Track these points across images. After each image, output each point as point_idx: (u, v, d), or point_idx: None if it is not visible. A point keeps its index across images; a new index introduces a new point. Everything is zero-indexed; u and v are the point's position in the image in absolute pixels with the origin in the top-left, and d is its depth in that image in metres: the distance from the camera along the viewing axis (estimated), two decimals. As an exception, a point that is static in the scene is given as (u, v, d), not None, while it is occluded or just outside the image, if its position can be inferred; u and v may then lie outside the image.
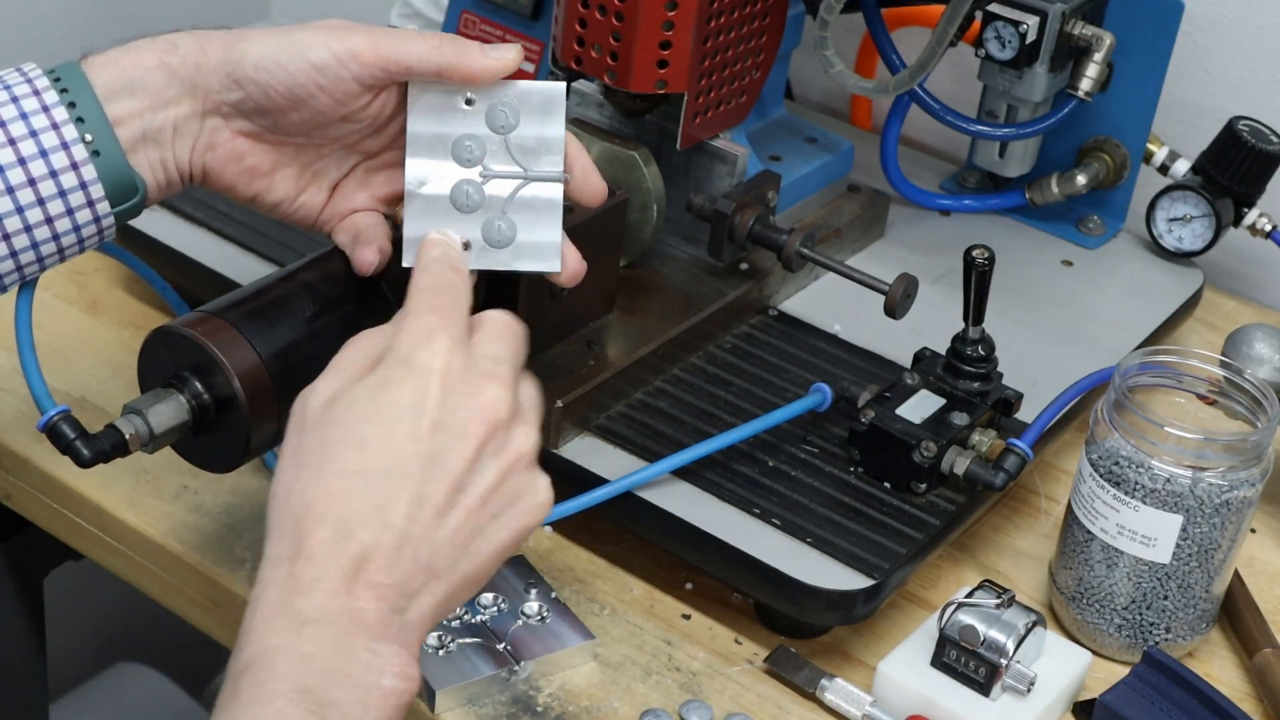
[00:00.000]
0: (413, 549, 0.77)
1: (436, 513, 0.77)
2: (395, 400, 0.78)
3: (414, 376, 0.78)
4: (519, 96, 0.90)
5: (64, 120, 0.84)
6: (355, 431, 0.78)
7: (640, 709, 0.95)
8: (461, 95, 0.90)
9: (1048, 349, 1.17)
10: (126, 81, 0.86)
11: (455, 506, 0.78)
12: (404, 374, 0.79)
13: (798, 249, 1.09)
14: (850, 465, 1.04)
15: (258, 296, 0.92)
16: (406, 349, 0.80)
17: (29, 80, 0.85)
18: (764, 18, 1.12)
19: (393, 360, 0.80)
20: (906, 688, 0.96)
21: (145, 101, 0.87)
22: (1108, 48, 1.21)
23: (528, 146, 0.90)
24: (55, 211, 0.85)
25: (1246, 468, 0.96)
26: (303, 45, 0.87)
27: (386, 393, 0.78)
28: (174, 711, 1.75)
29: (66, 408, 0.89)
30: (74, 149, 0.84)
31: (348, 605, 0.75)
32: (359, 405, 0.78)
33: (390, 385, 0.79)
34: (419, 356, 0.79)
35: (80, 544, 1.10)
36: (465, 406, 0.79)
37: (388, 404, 0.78)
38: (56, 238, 0.86)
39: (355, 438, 0.77)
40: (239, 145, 0.90)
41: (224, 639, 1.04)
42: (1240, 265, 1.41)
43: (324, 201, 0.94)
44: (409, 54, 0.88)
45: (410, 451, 0.77)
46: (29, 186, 0.84)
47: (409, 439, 0.77)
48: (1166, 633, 1.01)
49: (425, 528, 0.77)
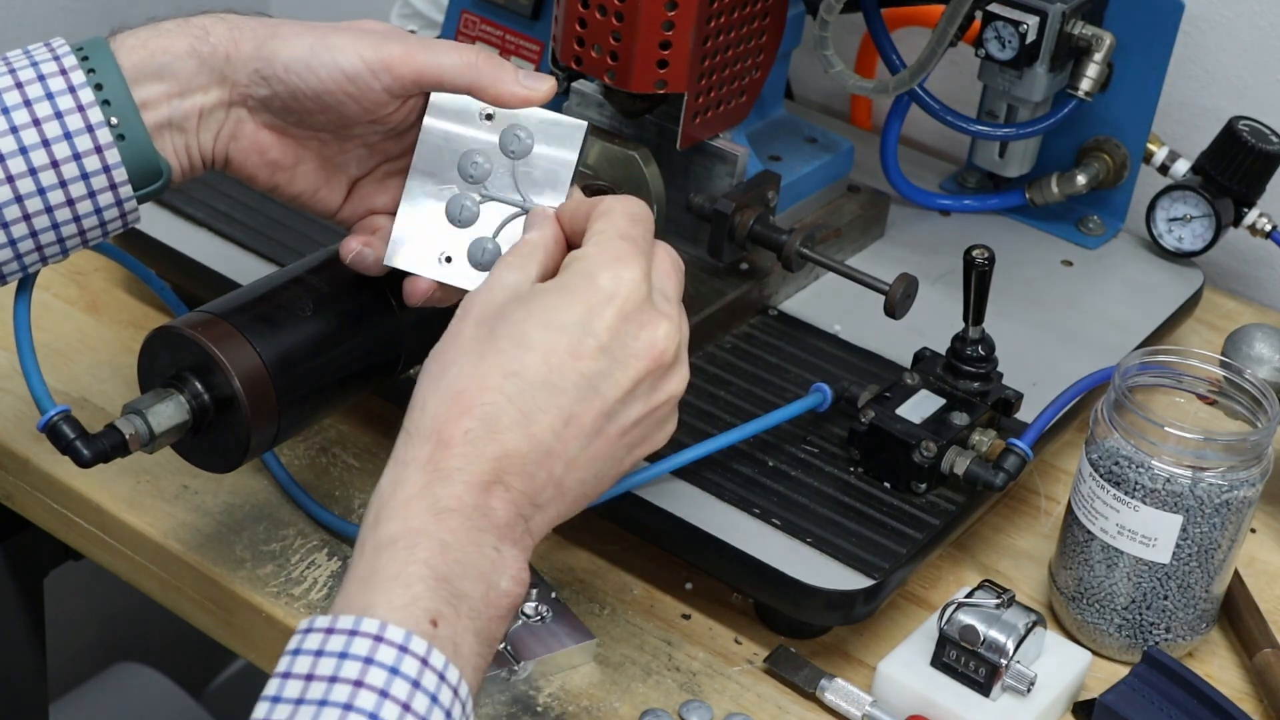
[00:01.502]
0: (550, 465, 0.78)
1: (580, 434, 0.78)
2: (567, 311, 0.79)
3: (593, 294, 0.79)
4: (539, 123, 0.89)
5: (90, 102, 0.84)
6: (521, 330, 0.78)
7: (640, 709, 0.95)
8: (481, 108, 0.90)
9: (1048, 349, 1.17)
10: (155, 66, 0.86)
11: (599, 433, 0.79)
12: (584, 288, 0.79)
13: (798, 249, 1.09)
14: (850, 465, 1.04)
15: (258, 297, 0.92)
16: (594, 265, 0.80)
17: (57, 58, 0.85)
18: (764, 18, 1.12)
19: (578, 271, 0.80)
20: (906, 688, 0.96)
21: (173, 87, 0.87)
22: (1108, 48, 1.21)
23: (534, 176, 0.89)
24: (77, 194, 0.85)
25: (1246, 468, 0.96)
26: (335, 50, 0.87)
27: (560, 300, 0.79)
28: (174, 711, 1.75)
29: (66, 408, 0.89)
30: (99, 132, 0.84)
31: (482, 502, 0.75)
32: (532, 304, 0.79)
33: (566, 294, 0.79)
34: (603, 277, 0.80)
35: (80, 544, 1.10)
36: (635, 338, 0.80)
37: (558, 311, 0.79)
38: (77, 219, 0.86)
39: (519, 335, 0.78)
40: (262, 138, 0.90)
41: (224, 639, 1.04)
42: (1240, 265, 1.41)
43: (342, 198, 0.94)
44: (443, 69, 0.87)
45: (569, 367, 0.78)
46: (52, 169, 0.84)
47: (569, 353, 0.78)
48: (1166, 633, 1.01)
49: (565, 446, 0.78)
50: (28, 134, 0.83)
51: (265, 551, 1.03)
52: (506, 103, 0.88)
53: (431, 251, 0.90)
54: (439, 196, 0.90)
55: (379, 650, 0.71)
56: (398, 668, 0.70)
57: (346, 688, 0.70)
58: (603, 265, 0.80)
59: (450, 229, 0.90)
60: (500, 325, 0.79)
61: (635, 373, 0.80)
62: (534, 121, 0.89)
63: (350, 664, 0.70)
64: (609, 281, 0.80)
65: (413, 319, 0.95)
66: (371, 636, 0.71)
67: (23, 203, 0.84)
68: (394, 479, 0.76)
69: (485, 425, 0.76)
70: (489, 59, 0.88)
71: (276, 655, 0.97)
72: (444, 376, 0.78)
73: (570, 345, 0.78)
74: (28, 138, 0.83)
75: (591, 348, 0.78)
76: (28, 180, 0.84)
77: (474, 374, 0.77)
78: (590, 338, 0.78)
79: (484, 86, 0.88)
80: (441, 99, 0.89)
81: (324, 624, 0.72)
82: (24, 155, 0.83)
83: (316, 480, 1.09)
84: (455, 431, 0.76)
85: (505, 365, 0.77)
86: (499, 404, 0.77)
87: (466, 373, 0.77)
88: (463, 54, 0.88)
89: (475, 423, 0.76)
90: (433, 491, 0.75)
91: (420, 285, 0.90)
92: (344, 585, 0.75)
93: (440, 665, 0.71)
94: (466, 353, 0.78)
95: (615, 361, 0.79)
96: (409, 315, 0.95)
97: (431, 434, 0.76)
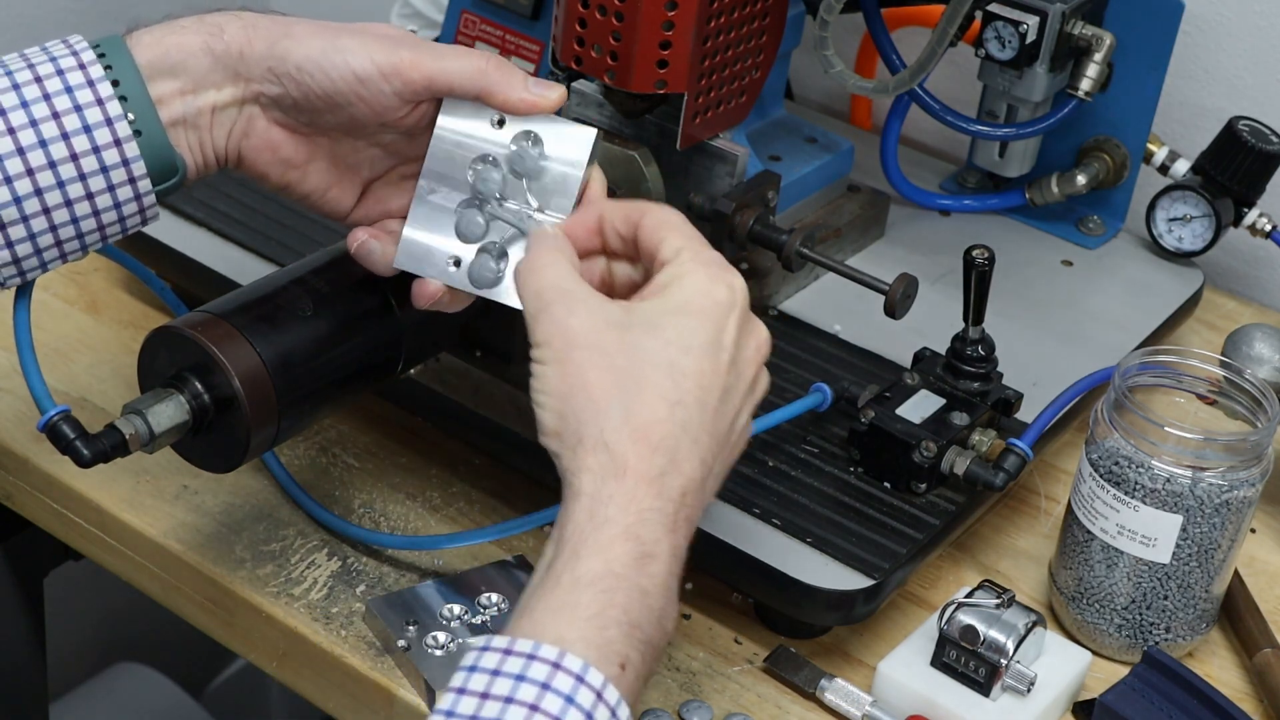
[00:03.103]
0: (708, 485, 0.80)
1: (720, 446, 0.81)
2: (702, 332, 0.80)
3: (716, 310, 0.81)
4: (550, 131, 0.89)
5: (108, 96, 0.84)
6: (668, 357, 0.79)
7: (640, 709, 0.95)
8: (494, 113, 0.90)
9: (1048, 349, 1.17)
10: (170, 63, 0.87)
11: (726, 442, 0.81)
12: (708, 307, 0.81)
13: (798, 249, 1.09)
14: (850, 465, 1.04)
15: (258, 297, 0.92)
16: (705, 281, 0.81)
17: (75, 53, 0.85)
18: (764, 18, 1.12)
19: (693, 289, 0.81)
20: (906, 688, 0.96)
21: (187, 84, 0.87)
22: (1108, 48, 1.21)
23: (545, 183, 0.89)
24: (96, 188, 0.85)
25: (1246, 468, 0.96)
26: (347, 52, 0.87)
27: (693, 322, 0.80)
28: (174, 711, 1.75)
29: (66, 408, 0.89)
30: (117, 125, 0.84)
31: (674, 542, 0.77)
32: (667, 331, 0.80)
33: (695, 316, 0.81)
34: (719, 291, 0.81)
35: (80, 544, 1.10)
36: (748, 345, 0.83)
37: (695, 334, 0.80)
38: (97, 214, 0.86)
39: (668, 363, 0.79)
40: (274, 135, 0.90)
41: (224, 639, 1.04)
42: (1240, 265, 1.41)
43: (354, 199, 0.94)
44: (452, 75, 0.88)
45: (715, 384, 0.80)
46: (71, 161, 0.84)
47: (714, 372, 0.80)
48: (1166, 633, 1.01)
49: (715, 459, 0.80)
50: (47, 127, 0.83)
51: (265, 551, 1.03)
52: (515, 109, 0.89)
53: (441, 255, 0.90)
54: (450, 201, 0.90)
55: (556, 677, 0.72)
56: (573, 697, 0.72)
57: (522, 710, 0.71)
58: (712, 280, 0.82)
59: (457, 237, 0.90)
60: (641, 353, 0.79)
61: (750, 377, 0.83)
62: (544, 128, 0.89)
63: (527, 687, 0.72)
64: (724, 293, 0.82)
65: (413, 320, 0.95)
66: (550, 663, 0.72)
67: (42, 196, 0.84)
68: (590, 512, 0.77)
69: (671, 460, 0.78)
70: (500, 65, 0.88)
71: (276, 655, 0.97)
72: (610, 408, 0.78)
73: (713, 365, 0.81)
74: (47, 131, 0.83)
75: (725, 362, 0.81)
76: (47, 173, 0.84)
77: (646, 409, 0.78)
78: (724, 353, 0.81)
79: (494, 93, 0.88)
80: (454, 104, 0.89)
81: (501, 644, 0.73)
82: (44, 149, 0.83)
83: (316, 480, 1.09)
84: (647, 468, 0.77)
85: (668, 394, 0.79)
86: (676, 435, 0.78)
87: (638, 408, 0.78)
88: (473, 60, 0.88)
89: (664, 459, 0.78)
90: (636, 534, 0.76)
91: (429, 288, 0.90)
92: (528, 608, 0.76)
93: (614, 701, 0.73)
94: (624, 387, 0.79)
95: (738, 371, 0.82)
96: (409, 316, 0.95)
97: (624, 469, 0.77)
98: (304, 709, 1.29)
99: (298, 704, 1.47)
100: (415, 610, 0.98)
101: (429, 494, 1.09)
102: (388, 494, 1.09)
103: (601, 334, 0.80)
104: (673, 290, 0.82)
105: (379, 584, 1.02)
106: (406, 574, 1.02)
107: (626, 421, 0.78)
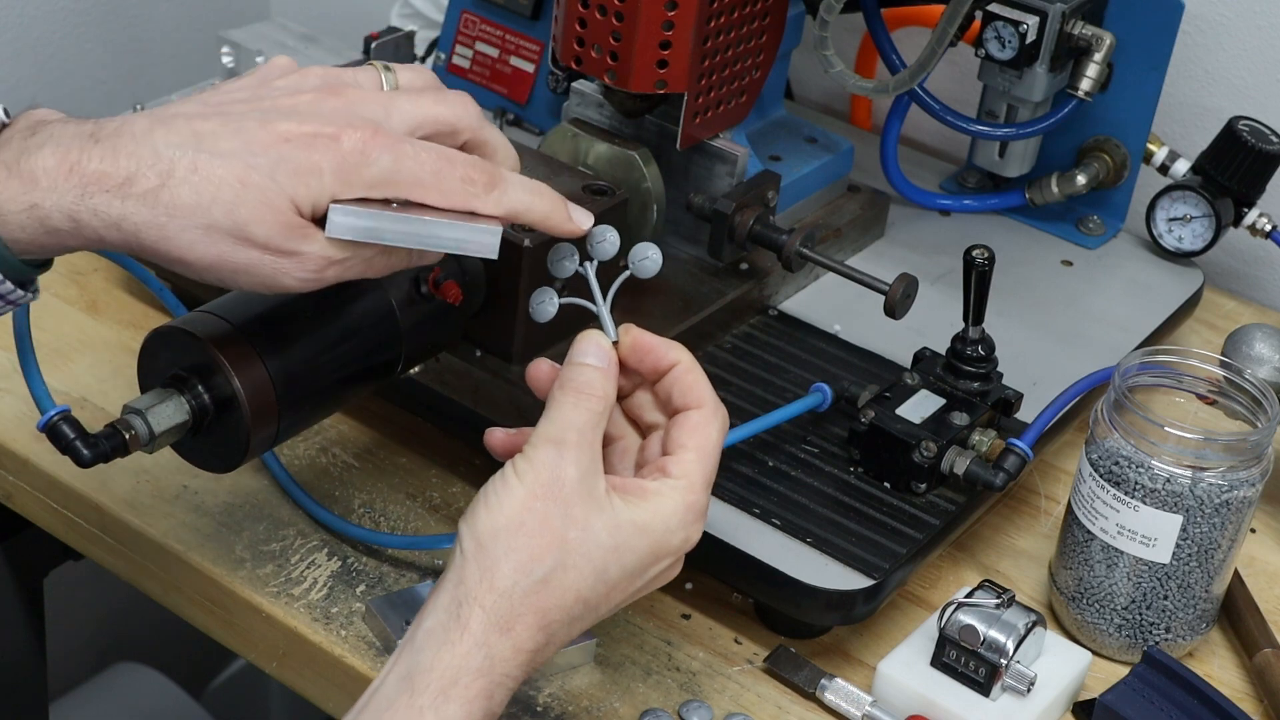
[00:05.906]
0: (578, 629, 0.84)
1: (610, 609, 0.84)
2: (645, 560, 0.83)
3: (666, 548, 0.84)
4: None
5: None
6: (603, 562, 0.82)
7: (640, 709, 0.95)
8: None
9: (1048, 349, 1.17)
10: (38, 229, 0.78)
11: (620, 604, 0.85)
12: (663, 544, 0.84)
13: (798, 249, 1.09)
14: (850, 465, 1.04)
15: (258, 297, 0.92)
16: (676, 523, 0.84)
17: None
18: (764, 18, 1.12)
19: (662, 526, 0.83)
20: (906, 688, 0.96)
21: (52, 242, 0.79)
22: (1108, 48, 1.21)
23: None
24: None
25: (1246, 468, 0.96)
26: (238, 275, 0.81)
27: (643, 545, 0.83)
28: (174, 711, 1.75)
29: (66, 408, 0.89)
30: None
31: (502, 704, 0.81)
32: (620, 537, 0.82)
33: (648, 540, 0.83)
34: (678, 537, 0.84)
35: (80, 544, 1.10)
36: (661, 579, 0.86)
37: (639, 559, 0.83)
38: None
39: (600, 566, 0.82)
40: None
41: (224, 639, 1.04)
42: (1240, 265, 1.41)
43: None
44: None
45: (618, 598, 0.84)
46: None
47: (624, 589, 0.84)
48: (1166, 633, 1.01)
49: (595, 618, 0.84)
50: None
51: (265, 551, 1.03)
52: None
53: None
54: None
55: None
56: None
57: None
58: (683, 524, 0.84)
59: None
60: (588, 538, 0.81)
61: (668, 563, 0.85)
62: None
63: None
64: (679, 541, 0.84)
65: (413, 320, 0.95)
66: None
67: None
68: (447, 640, 0.79)
69: (548, 641, 0.81)
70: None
71: (276, 655, 0.98)
72: (535, 565, 0.80)
73: (628, 584, 0.84)
74: None
75: (638, 586, 0.85)
76: None
77: (561, 586, 0.81)
78: (640, 579, 0.84)
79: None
80: None
81: None
82: None
83: (316, 480, 1.09)
84: (528, 643, 0.80)
85: (583, 592, 0.82)
86: (565, 624, 0.82)
87: (553, 581, 0.81)
88: None
89: (543, 639, 0.81)
90: (491, 693, 0.79)
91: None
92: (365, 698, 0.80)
93: None
94: (549, 546, 0.81)
95: (637, 590, 0.85)
96: (409, 316, 0.95)
97: (510, 629, 0.80)
98: (304, 709, 1.29)
99: (298, 704, 1.47)
100: (415, 610, 0.97)
101: (429, 494, 1.09)
102: (388, 494, 1.09)
103: (577, 499, 0.82)
104: (651, 504, 0.83)
105: (379, 584, 1.02)
106: (406, 574, 1.02)
107: (537, 591, 0.80)
